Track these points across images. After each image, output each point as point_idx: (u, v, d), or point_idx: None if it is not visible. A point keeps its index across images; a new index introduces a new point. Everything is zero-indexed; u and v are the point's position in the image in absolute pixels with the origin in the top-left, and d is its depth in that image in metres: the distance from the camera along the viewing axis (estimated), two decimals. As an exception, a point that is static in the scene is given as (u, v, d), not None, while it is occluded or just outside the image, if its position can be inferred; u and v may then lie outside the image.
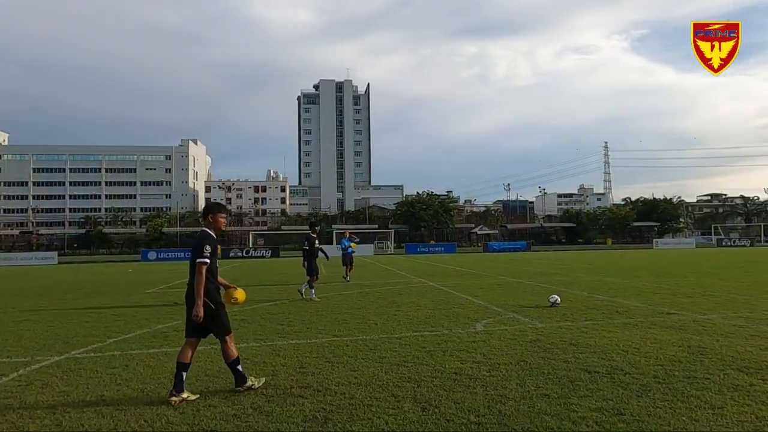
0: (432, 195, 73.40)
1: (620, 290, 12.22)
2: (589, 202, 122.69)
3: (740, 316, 8.14)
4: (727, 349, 5.74)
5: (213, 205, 4.76)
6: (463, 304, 10.19)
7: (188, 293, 4.44)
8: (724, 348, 5.80)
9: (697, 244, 56.17)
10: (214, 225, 4.61)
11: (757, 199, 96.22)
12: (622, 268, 20.47)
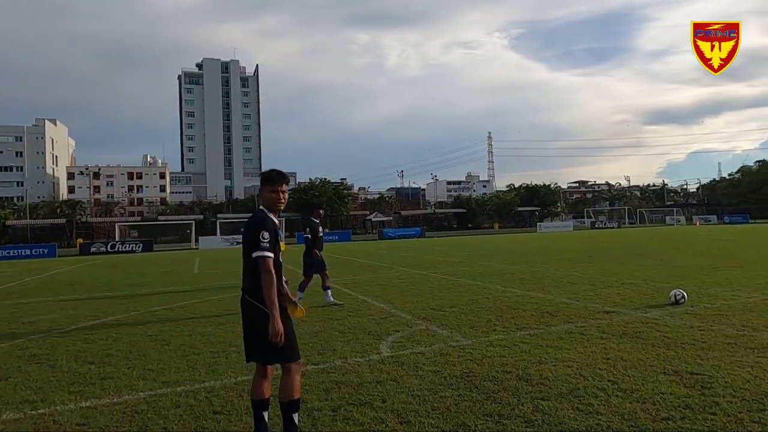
0: (326, 182, 70.89)
1: (534, 281, 10.88)
2: (475, 189, 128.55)
3: (683, 312, 6.90)
4: (725, 374, 4.16)
5: (265, 175, 3.43)
6: (361, 310, 8.03)
7: (245, 301, 3.31)
8: (719, 371, 4.22)
9: (575, 227, 60.11)
10: (268, 204, 3.35)
11: (619, 185, 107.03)
12: (521, 254, 19.80)
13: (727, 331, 5.60)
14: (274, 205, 3.33)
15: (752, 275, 10.45)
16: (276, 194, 3.32)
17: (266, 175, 3.38)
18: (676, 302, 7.43)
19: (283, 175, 3.42)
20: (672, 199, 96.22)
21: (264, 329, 3.06)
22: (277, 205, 3.33)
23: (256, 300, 3.17)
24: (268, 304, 3.06)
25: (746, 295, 8.07)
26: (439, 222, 79.64)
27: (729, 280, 9.82)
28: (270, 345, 3.08)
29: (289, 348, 3.19)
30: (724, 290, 8.63)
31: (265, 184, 3.35)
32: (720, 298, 7.84)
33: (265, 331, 3.06)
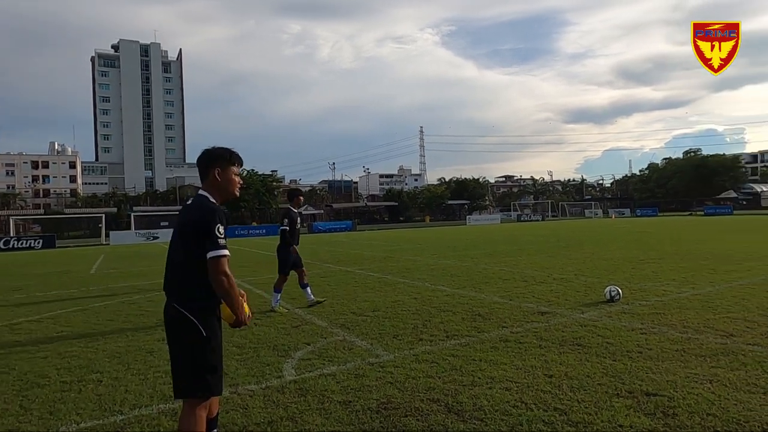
0: (254, 174, 67.92)
1: (465, 277, 10.27)
2: (407, 182, 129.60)
3: (620, 311, 6.44)
4: (685, 393, 3.54)
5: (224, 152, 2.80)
6: (271, 317, 6.95)
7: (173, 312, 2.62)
8: (676, 389, 3.60)
9: (502, 220, 61.70)
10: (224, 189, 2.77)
11: (543, 180, 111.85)
12: (451, 247, 19.38)
13: (671, 334, 5.11)
14: (233, 191, 2.78)
15: (676, 268, 10.43)
16: (238, 177, 2.81)
17: (227, 153, 2.77)
18: (611, 299, 7.00)
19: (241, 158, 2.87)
20: (590, 194, 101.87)
21: (191, 349, 2.55)
22: (236, 191, 2.81)
23: (189, 310, 2.56)
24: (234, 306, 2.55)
25: (676, 290, 7.83)
26: (371, 215, 79.14)
27: (656, 274, 9.69)
28: (194, 370, 2.56)
29: (199, 376, 2.57)
30: (654, 284, 8.39)
31: (228, 164, 2.74)
32: (652, 294, 7.52)
33: (193, 352, 2.56)
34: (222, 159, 2.75)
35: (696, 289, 7.84)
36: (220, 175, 2.72)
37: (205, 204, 2.65)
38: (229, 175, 2.75)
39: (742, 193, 74.63)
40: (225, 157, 2.76)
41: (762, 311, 6.04)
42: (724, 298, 6.94)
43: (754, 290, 7.51)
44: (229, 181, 2.76)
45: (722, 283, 8.26)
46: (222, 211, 2.65)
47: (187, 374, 2.58)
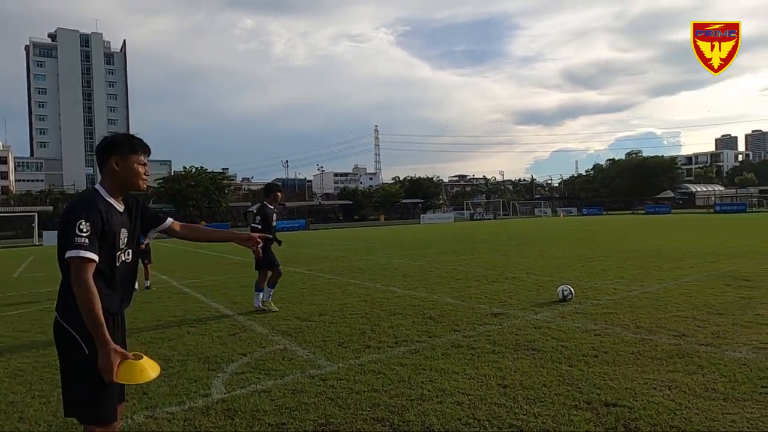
0: (203, 171, 65.66)
1: (417, 277, 9.99)
2: (362, 181, 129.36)
3: (573, 311, 6.30)
4: (645, 402, 3.32)
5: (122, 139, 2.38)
6: (207, 323, 6.38)
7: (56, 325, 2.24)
8: (636, 398, 3.39)
9: (455, 218, 62.39)
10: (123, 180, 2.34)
11: (494, 180, 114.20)
12: (404, 246, 19.15)
13: (625, 336, 4.96)
14: (136, 182, 2.33)
15: (623, 265, 10.55)
16: (143, 167, 2.35)
17: (129, 140, 2.35)
18: (564, 299, 6.87)
19: (147, 145, 2.41)
20: (539, 193, 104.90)
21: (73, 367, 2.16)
22: (140, 183, 2.34)
23: (68, 322, 2.17)
24: (91, 328, 2.06)
25: (626, 288, 7.82)
26: (325, 214, 78.23)
27: (605, 271, 9.74)
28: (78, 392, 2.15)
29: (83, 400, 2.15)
30: (604, 282, 8.38)
31: (130, 153, 2.31)
32: (603, 292, 7.47)
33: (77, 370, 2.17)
34: (122, 146, 2.32)
35: (644, 286, 7.86)
36: (119, 164, 2.29)
37: (81, 198, 2.24)
38: (130, 165, 2.31)
39: (679, 193, 78.83)
40: (125, 145, 2.33)
41: (709, 309, 6.03)
42: (673, 296, 6.95)
43: (699, 287, 7.59)
44: (131, 171, 2.32)
45: (669, 281, 8.34)
46: (107, 206, 2.21)
47: (72, 395, 2.17)
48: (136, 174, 2.33)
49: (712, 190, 79.20)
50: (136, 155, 2.34)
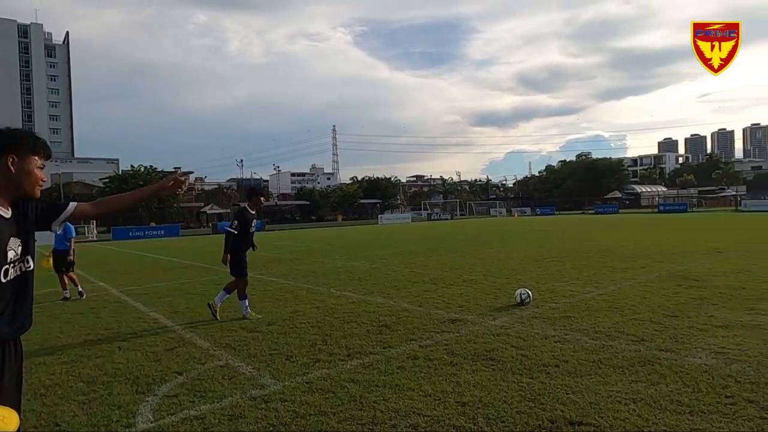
0: (152, 170, 63.15)
1: (373, 281, 9.68)
2: (320, 181, 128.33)
3: (531, 315, 6.14)
4: (611, 419, 3.12)
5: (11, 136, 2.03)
6: (142, 337, 5.84)
7: None
8: (601, 415, 3.18)
9: (413, 219, 62.58)
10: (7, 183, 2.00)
11: (451, 180, 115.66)
12: (362, 247, 18.82)
13: (585, 342, 4.81)
14: (31, 189, 2.00)
15: (577, 266, 10.61)
16: (40, 171, 2.03)
17: (30, 138, 2.00)
18: (522, 302, 6.72)
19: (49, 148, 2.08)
20: (494, 193, 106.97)
21: None
22: (35, 190, 2.02)
23: None
24: None
25: (582, 289, 7.78)
26: (282, 214, 76.87)
27: (560, 273, 9.74)
28: None
29: None
30: (560, 284, 8.33)
31: (30, 153, 1.98)
32: (560, 295, 7.39)
33: None
34: (22, 144, 1.97)
35: (600, 288, 7.84)
36: (16, 164, 1.93)
37: None
38: (27, 167, 1.97)
39: (626, 193, 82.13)
40: (26, 143, 1.98)
41: (665, 311, 6.02)
42: (628, 298, 6.93)
43: (652, 288, 7.64)
44: (28, 175, 1.97)
45: (623, 281, 8.38)
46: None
47: None
48: (34, 178, 1.99)
49: (656, 191, 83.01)
50: (37, 157, 2.00)
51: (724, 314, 5.74)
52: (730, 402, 3.28)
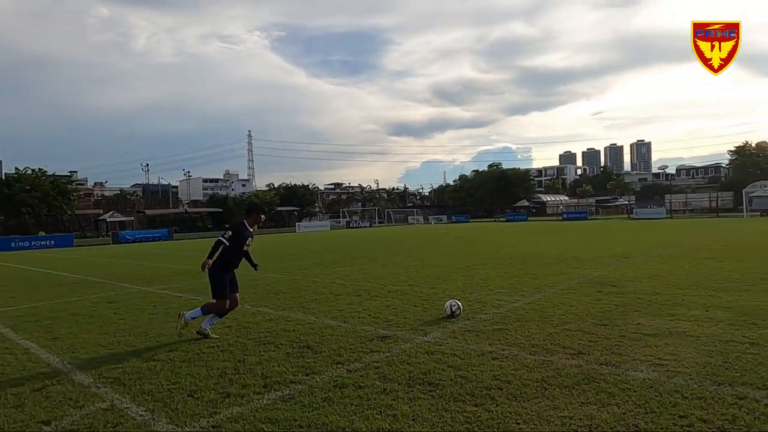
0: (41, 174, 56.77)
1: (293, 294, 8.96)
2: (234, 187, 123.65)
3: (464, 328, 5.81)
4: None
5: None
6: (4, 378, 4.73)
7: None
8: (557, 445, 2.82)
9: (332, 227, 61.81)
10: None
11: (370, 188, 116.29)
12: (279, 257, 17.85)
13: (524, 359, 4.52)
14: None
15: (501, 274, 10.60)
16: None
17: None
18: (452, 314, 6.39)
19: None
20: (411, 201, 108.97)
21: None
22: None
23: None
24: None
25: (510, 298, 7.64)
26: (192, 222, 72.64)
27: (485, 281, 9.63)
28: None
29: None
30: (487, 294, 8.16)
31: None
32: (489, 305, 7.17)
33: None
34: None
35: (526, 296, 7.75)
36: None
37: None
38: None
39: (533, 202, 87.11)
40: None
41: (593, 320, 5.94)
42: (555, 306, 6.85)
43: (575, 295, 7.66)
44: None
45: (546, 289, 8.38)
46: None
47: None
48: None
49: (559, 200, 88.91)
50: None
51: (649, 321, 5.77)
52: (686, 423, 3.07)
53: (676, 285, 8.28)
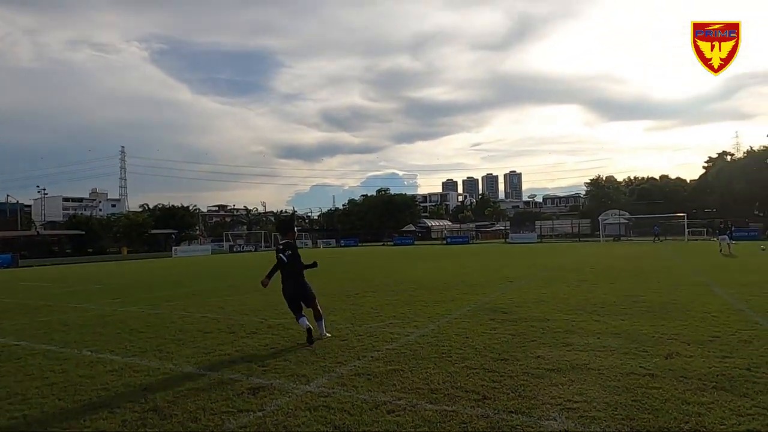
0: None
1: (151, 333, 7.50)
2: (102, 207, 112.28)
3: (353, 371, 5.01)
4: None
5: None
6: None
7: None
8: None
9: (213, 251, 57.93)
10: None
11: (256, 211, 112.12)
12: (146, 286, 15.69)
13: (425, 410, 3.83)
14: None
15: (391, 301, 10.04)
16: None
17: None
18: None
19: None
20: (300, 225, 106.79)
21: None
22: None
23: None
24: None
25: (403, 331, 7.02)
26: (47, 246, 63.73)
27: (376, 310, 8.97)
28: None
29: None
30: (379, 325, 7.48)
31: None
32: (381, 339, 6.48)
33: None
34: None
35: (420, 328, 7.19)
36: None
37: None
38: None
39: (419, 226, 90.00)
40: None
41: (493, 354, 5.50)
42: (451, 339, 6.35)
43: (469, 325, 7.27)
44: None
45: (439, 318, 7.93)
46: None
47: None
48: None
49: (443, 225, 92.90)
50: None
51: (548, 353, 5.45)
52: (619, 493, 2.55)
53: (562, 310, 8.30)
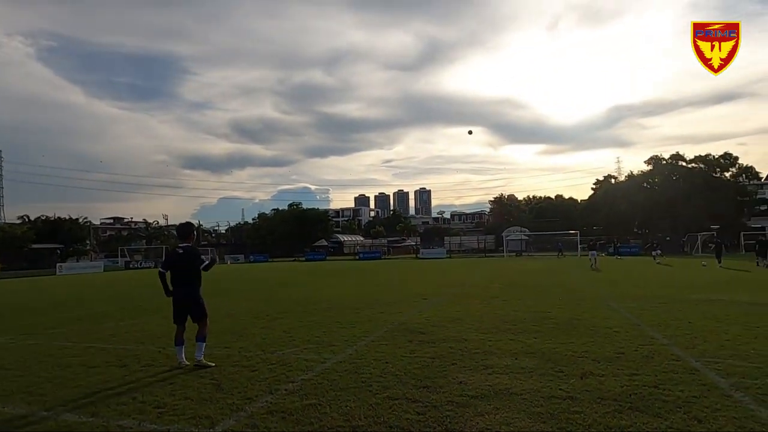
0: None
1: (17, 372, 6.39)
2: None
3: (266, 409, 4.53)
4: None
5: None
6: None
7: None
8: None
9: (106, 267, 53.10)
10: None
11: (157, 224, 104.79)
12: (17, 312, 13.71)
13: (346, 453, 3.46)
14: None
15: (305, 323, 9.53)
16: None
17: None
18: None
19: None
20: (206, 239, 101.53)
21: None
22: None
23: None
24: None
25: (319, 357, 6.59)
26: None
27: (289, 334, 8.43)
28: None
29: None
30: (293, 351, 6.98)
31: None
32: (296, 369, 6.00)
33: None
34: None
35: (337, 353, 6.81)
36: None
37: None
38: None
39: (331, 242, 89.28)
40: None
41: (414, 381, 5.27)
42: (370, 365, 6.04)
43: (388, 348, 7.01)
44: None
45: (357, 341, 7.60)
46: None
47: None
48: None
49: (356, 240, 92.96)
50: None
51: (469, 377, 5.33)
52: None
53: (478, 329, 8.34)
